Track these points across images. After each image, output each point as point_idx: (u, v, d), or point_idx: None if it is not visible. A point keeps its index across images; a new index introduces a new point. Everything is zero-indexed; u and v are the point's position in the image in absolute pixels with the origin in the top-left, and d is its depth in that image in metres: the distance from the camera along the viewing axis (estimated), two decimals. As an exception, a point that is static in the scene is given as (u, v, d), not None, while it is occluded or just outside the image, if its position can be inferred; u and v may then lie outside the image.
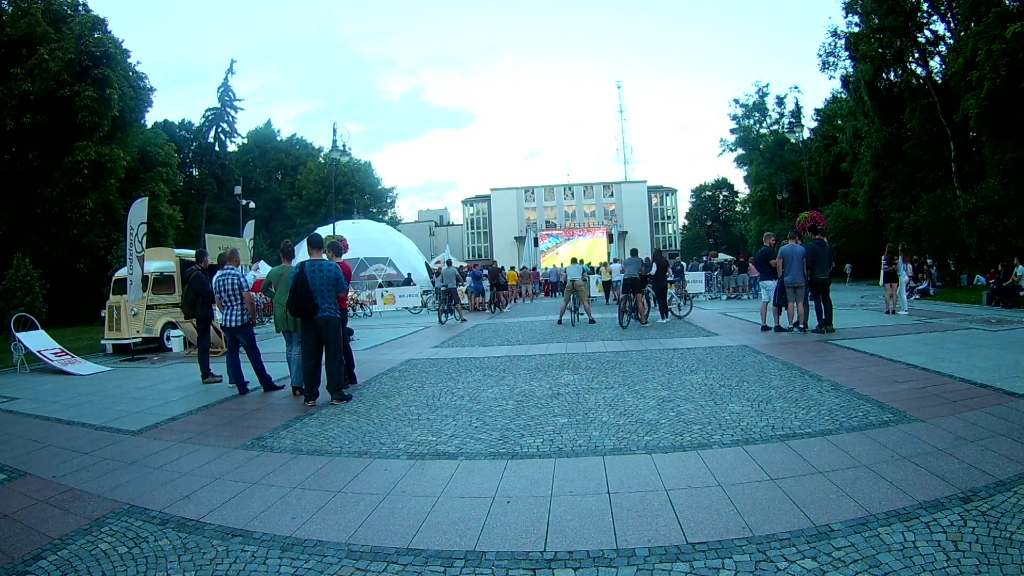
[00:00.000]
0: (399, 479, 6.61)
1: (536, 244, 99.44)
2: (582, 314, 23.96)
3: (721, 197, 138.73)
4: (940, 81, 47.78)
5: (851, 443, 6.88)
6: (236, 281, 12.50)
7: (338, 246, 12.56)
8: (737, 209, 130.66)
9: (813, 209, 36.75)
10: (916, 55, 49.74)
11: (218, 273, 12.77)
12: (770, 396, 9.55)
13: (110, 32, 48.06)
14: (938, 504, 5.16)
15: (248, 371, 12.60)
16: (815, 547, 4.57)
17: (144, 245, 21.26)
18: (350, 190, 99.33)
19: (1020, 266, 24.61)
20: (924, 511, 5.05)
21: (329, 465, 7.29)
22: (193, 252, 19.52)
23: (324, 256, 11.20)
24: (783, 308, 17.57)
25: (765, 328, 17.77)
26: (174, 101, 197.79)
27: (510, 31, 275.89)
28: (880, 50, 48.99)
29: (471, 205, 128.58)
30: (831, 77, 59.76)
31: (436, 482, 6.46)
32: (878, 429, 7.38)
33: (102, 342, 22.77)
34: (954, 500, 5.23)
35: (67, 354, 18.17)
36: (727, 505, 5.40)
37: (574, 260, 26.49)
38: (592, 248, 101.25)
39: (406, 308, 38.86)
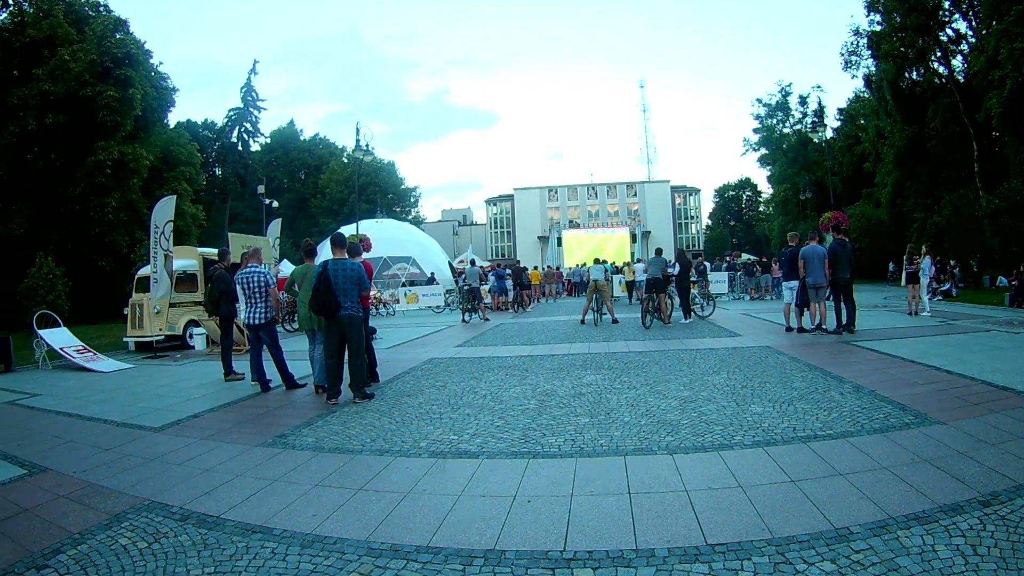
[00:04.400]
0: (420, 477, 6.63)
1: (559, 244, 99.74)
2: (605, 314, 23.94)
3: (744, 197, 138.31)
4: (962, 80, 47.48)
5: (872, 445, 6.87)
6: (262, 279, 12.58)
7: (357, 247, 12.55)
8: (760, 209, 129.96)
9: (836, 209, 36.60)
10: (938, 54, 49.48)
11: (241, 271, 12.86)
12: (792, 397, 9.54)
13: (132, 33, 48.25)
14: (958, 507, 5.13)
15: (271, 369, 12.64)
16: (834, 549, 4.56)
17: (171, 243, 21.31)
18: (373, 189, 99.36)
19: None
20: (944, 514, 5.02)
21: (350, 463, 7.32)
22: (216, 251, 19.58)
23: (347, 255, 11.23)
24: (805, 309, 17.53)
25: (788, 329, 17.80)
26: (202, 102, 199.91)
27: (534, 33, 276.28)
28: (902, 49, 48.86)
29: (494, 205, 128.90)
30: (853, 76, 59.96)
31: (457, 481, 6.48)
32: (899, 431, 7.36)
33: (125, 339, 23.00)
34: (974, 503, 5.19)
35: (89, 351, 18.31)
36: (747, 506, 5.41)
37: (597, 260, 26.37)
38: (618, 244, 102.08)
39: (429, 307, 38.88)
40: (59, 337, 18.67)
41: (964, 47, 48.25)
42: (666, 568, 4.46)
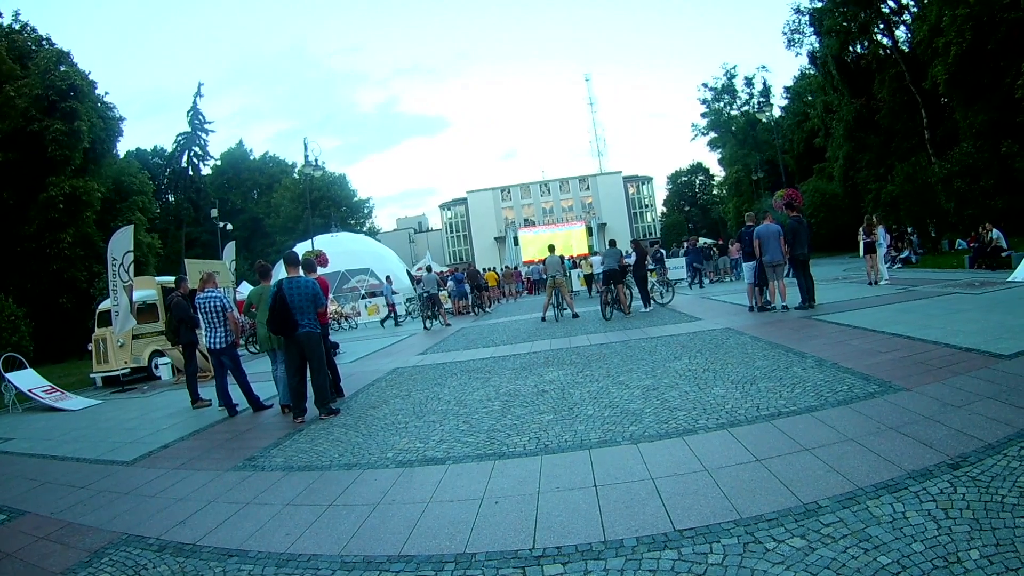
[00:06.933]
0: (389, 488, 6.67)
1: (516, 243, 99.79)
2: (565, 309, 24.02)
3: (697, 182, 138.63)
4: (907, 50, 47.92)
5: (837, 418, 6.92)
6: (218, 303, 12.53)
7: (311, 263, 12.56)
8: (714, 192, 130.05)
9: (789, 186, 36.75)
10: (881, 26, 49.91)
11: (199, 295, 12.80)
12: (754, 377, 9.61)
13: (76, 65, 48.24)
14: (927, 472, 5.18)
15: (236, 393, 12.65)
16: (803, 525, 4.60)
17: (132, 274, 21.08)
18: (326, 204, 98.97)
19: (994, 230, 24.72)
20: (913, 481, 5.06)
21: (320, 480, 7.35)
22: (173, 279, 19.53)
23: (301, 273, 11.25)
24: (764, 288, 17.71)
25: (751, 309, 17.92)
26: (151, 130, 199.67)
27: (479, 36, 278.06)
28: (845, 23, 49.32)
29: (449, 209, 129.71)
30: (798, 54, 59.95)
31: (425, 488, 6.52)
32: (863, 402, 7.40)
33: (91, 375, 22.77)
34: (943, 467, 5.24)
35: (57, 391, 18.18)
36: (714, 489, 5.44)
37: (551, 248, 25.98)
38: (575, 239, 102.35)
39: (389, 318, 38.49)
40: (27, 379, 18.50)
41: (907, 17, 48.76)
42: (635, 557, 4.50)
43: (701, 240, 49.86)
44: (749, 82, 79.40)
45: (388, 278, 39.11)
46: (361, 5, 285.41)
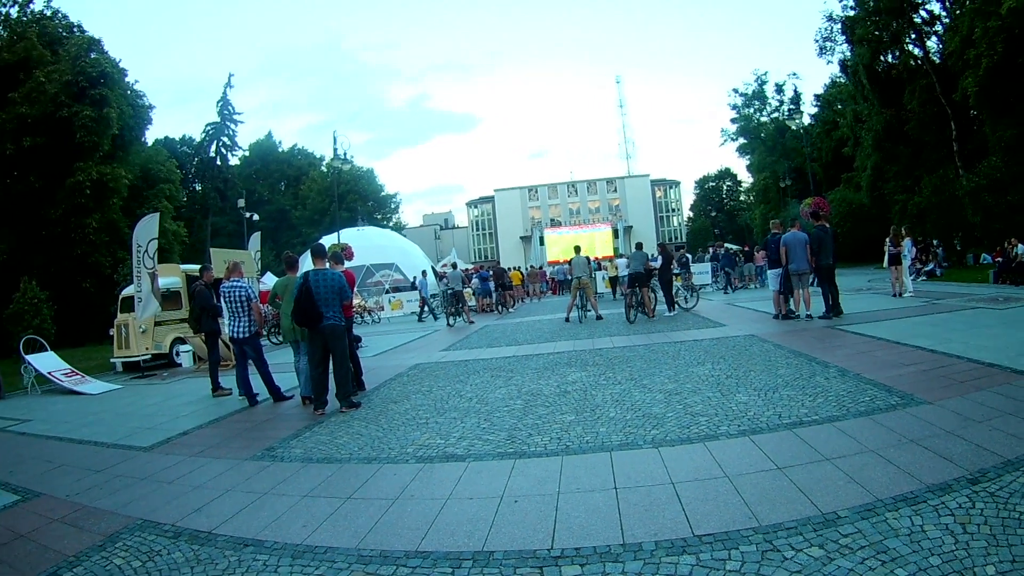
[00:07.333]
0: (408, 483, 6.65)
1: (542, 243, 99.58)
2: (589, 311, 23.93)
3: (725, 187, 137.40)
4: (938, 61, 47.40)
5: (858, 428, 6.87)
6: (243, 292, 12.56)
7: (339, 255, 12.59)
8: (741, 199, 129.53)
9: (817, 195, 36.53)
10: (913, 36, 49.39)
11: (224, 284, 12.84)
12: (777, 385, 9.55)
13: (106, 52, 48.07)
14: (946, 487, 5.14)
15: (257, 383, 12.64)
16: (822, 534, 4.57)
17: (156, 261, 21.20)
18: (353, 197, 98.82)
19: (1020, 245, 24.56)
20: (932, 494, 5.03)
21: (339, 472, 7.34)
22: (198, 267, 19.54)
23: (327, 265, 11.26)
24: (789, 296, 17.56)
25: (776, 317, 17.85)
26: (182, 119, 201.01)
27: (512, 36, 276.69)
28: (876, 32, 48.84)
29: (475, 207, 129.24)
30: (829, 62, 59.75)
31: (445, 484, 6.50)
32: (885, 413, 7.36)
33: (112, 360, 22.77)
34: (962, 482, 5.20)
35: (77, 374, 18.22)
36: (734, 496, 5.41)
37: (577, 249, 25.88)
38: (601, 241, 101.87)
39: (414, 312, 38.47)
40: (47, 361, 18.58)
41: (938, 28, 48.19)
42: (653, 561, 4.49)
43: (727, 246, 49.73)
44: (779, 89, 79.11)
45: (424, 272, 39.39)
46: (397, 1, 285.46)
